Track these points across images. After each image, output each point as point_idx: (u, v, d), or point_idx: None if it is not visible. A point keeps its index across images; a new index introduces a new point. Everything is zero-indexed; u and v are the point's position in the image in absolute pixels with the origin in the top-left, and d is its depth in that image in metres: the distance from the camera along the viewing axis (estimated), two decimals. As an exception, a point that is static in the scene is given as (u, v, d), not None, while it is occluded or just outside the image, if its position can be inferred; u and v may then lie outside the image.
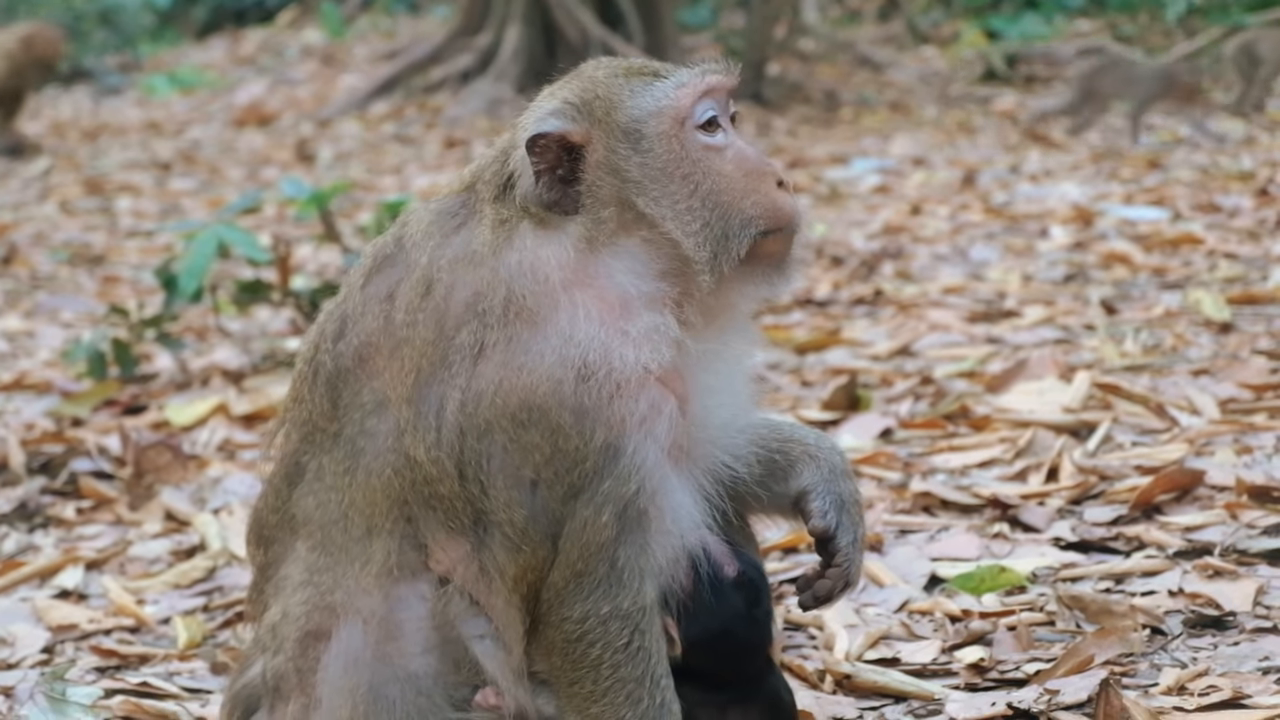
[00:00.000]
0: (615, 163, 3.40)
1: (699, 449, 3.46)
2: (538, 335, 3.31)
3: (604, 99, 3.44)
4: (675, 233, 3.38)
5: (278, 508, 3.58)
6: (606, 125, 3.42)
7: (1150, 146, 15.15)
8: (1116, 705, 3.98)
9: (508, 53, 20.70)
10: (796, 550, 5.41)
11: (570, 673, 3.35)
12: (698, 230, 3.39)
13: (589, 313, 3.33)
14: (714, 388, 3.48)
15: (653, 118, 3.42)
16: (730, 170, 3.43)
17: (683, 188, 3.40)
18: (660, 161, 3.41)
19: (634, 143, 3.41)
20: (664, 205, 3.39)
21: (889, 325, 8.71)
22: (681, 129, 3.42)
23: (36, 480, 6.82)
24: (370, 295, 3.48)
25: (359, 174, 16.38)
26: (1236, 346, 7.54)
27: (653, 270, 3.40)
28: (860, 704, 4.33)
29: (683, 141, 3.42)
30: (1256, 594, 4.65)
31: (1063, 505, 5.59)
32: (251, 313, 9.69)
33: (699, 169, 3.41)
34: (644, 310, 3.37)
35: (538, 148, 3.40)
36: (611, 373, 3.29)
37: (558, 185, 3.40)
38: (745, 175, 3.43)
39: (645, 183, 3.40)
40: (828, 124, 18.52)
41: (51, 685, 4.69)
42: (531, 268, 3.35)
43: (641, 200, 3.39)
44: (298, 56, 27.26)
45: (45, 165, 18.51)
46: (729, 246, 3.39)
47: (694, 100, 3.43)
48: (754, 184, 3.43)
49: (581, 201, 3.40)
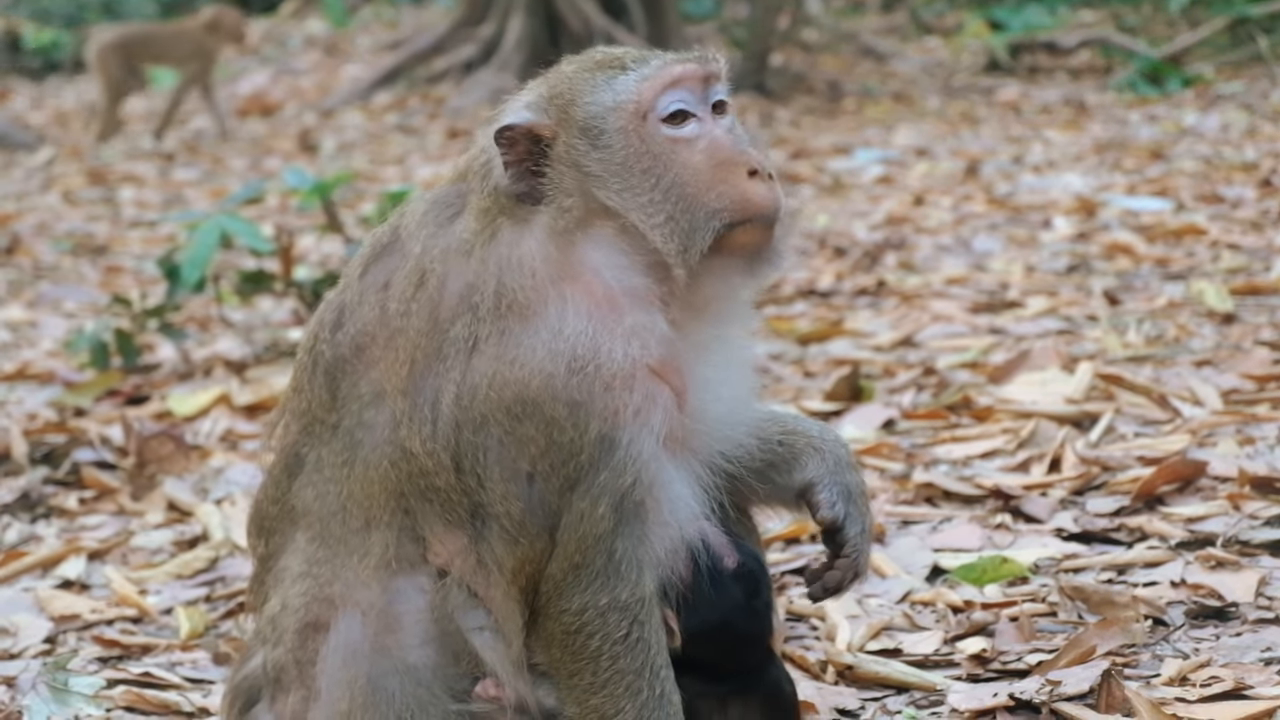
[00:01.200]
0: (575, 157, 3.39)
1: (697, 440, 3.45)
2: (528, 329, 3.31)
3: (566, 94, 3.43)
4: (641, 225, 3.36)
5: (278, 499, 3.58)
6: (567, 121, 3.40)
7: (1153, 136, 15.14)
8: (1119, 696, 3.98)
9: (511, 43, 20.70)
10: (799, 541, 5.42)
11: (570, 664, 3.34)
12: (662, 223, 3.36)
13: (578, 307, 3.33)
14: (712, 379, 3.48)
15: (610, 113, 3.39)
16: (697, 162, 3.38)
17: (644, 181, 3.37)
18: (620, 156, 3.38)
19: (592, 138, 3.38)
20: (627, 198, 3.37)
21: (891, 316, 8.70)
22: (643, 123, 3.38)
23: (39, 470, 6.83)
24: (368, 285, 3.49)
25: (362, 164, 16.38)
26: (1239, 337, 7.53)
27: (637, 264, 3.38)
28: (862, 694, 4.33)
29: (643, 135, 3.38)
30: (1259, 585, 4.65)
31: (1065, 496, 5.59)
32: (254, 303, 9.69)
33: (660, 162, 3.37)
34: (632, 306, 3.36)
35: (504, 139, 3.41)
36: (602, 366, 3.29)
37: (527, 177, 3.40)
38: (714, 167, 3.38)
39: (606, 177, 3.38)
40: (831, 115, 18.51)
41: (54, 675, 4.70)
42: (519, 262, 3.35)
43: (603, 194, 3.37)
44: (301, 47, 27.27)
45: (48, 155, 18.52)
46: (694, 239, 3.35)
47: (656, 93, 3.39)
48: (722, 175, 3.37)
49: (546, 193, 3.39)
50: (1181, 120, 16.01)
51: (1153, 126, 15.84)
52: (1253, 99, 16.83)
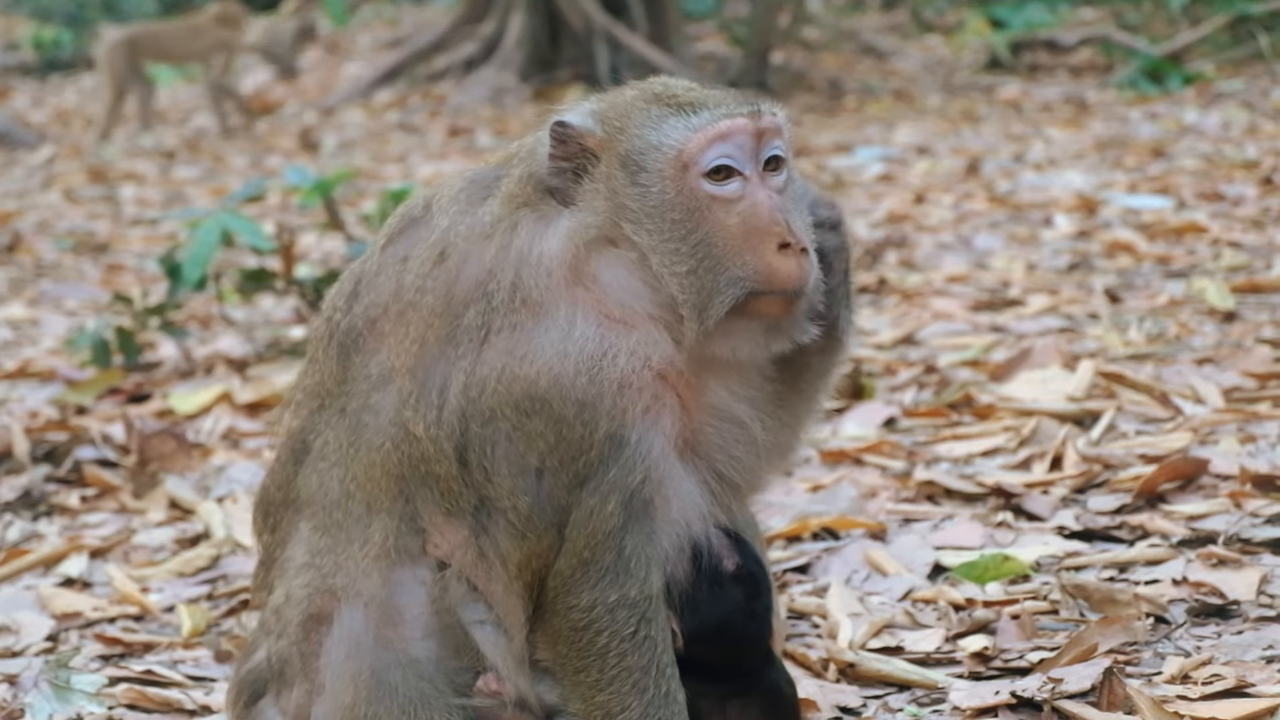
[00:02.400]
0: (612, 185, 3.33)
1: (704, 444, 3.43)
2: (540, 327, 3.30)
3: (619, 120, 3.36)
4: (660, 268, 3.31)
5: (283, 484, 3.59)
6: (612, 146, 3.34)
7: (1154, 134, 15.14)
8: (1120, 694, 3.98)
9: (511, 41, 20.70)
10: (800, 539, 5.42)
11: (576, 661, 3.34)
12: (684, 274, 3.29)
13: (588, 316, 3.31)
14: (721, 385, 3.44)
15: (653, 153, 3.31)
16: (731, 225, 3.29)
17: (674, 230, 3.30)
18: (654, 199, 3.31)
19: (632, 173, 3.32)
20: (654, 240, 3.31)
21: (893, 314, 8.70)
22: (685, 174, 3.30)
23: (41, 468, 6.83)
24: (388, 257, 3.49)
25: (363, 162, 16.38)
26: (1240, 335, 7.53)
27: (650, 296, 3.34)
28: (864, 692, 4.33)
29: (682, 186, 3.30)
30: (1260, 583, 4.65)
31: (1066, 494, 5.59)
32: (255, 301, 9.69)
33: (694, 217, 3.30)
34: (642, 325, 3.33)
35: (557, 133, 3.37)
36: (611, 368, 3.28)
37: (565, 175, 3.36)
38: (746, 234, 3.29)
39: (638, 214, 3.31)
40: (832, 112, 18.51)
41: (56, 673, 4.70)
42: (538, 259, 3.33)
43: (629, 227, 3.32)
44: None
45: (49, 153, 18.52)
46: (713, 301, 3.28)
47: (702, 147, 3.30)
48: (753, 244, 3.28)
49: (578, 199, 3.36)
50: (1182, 118, 16.00)
51: (1153, 124, 15.84)
52: (1253, 97, 16.83)
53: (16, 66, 26.78)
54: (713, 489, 3.44)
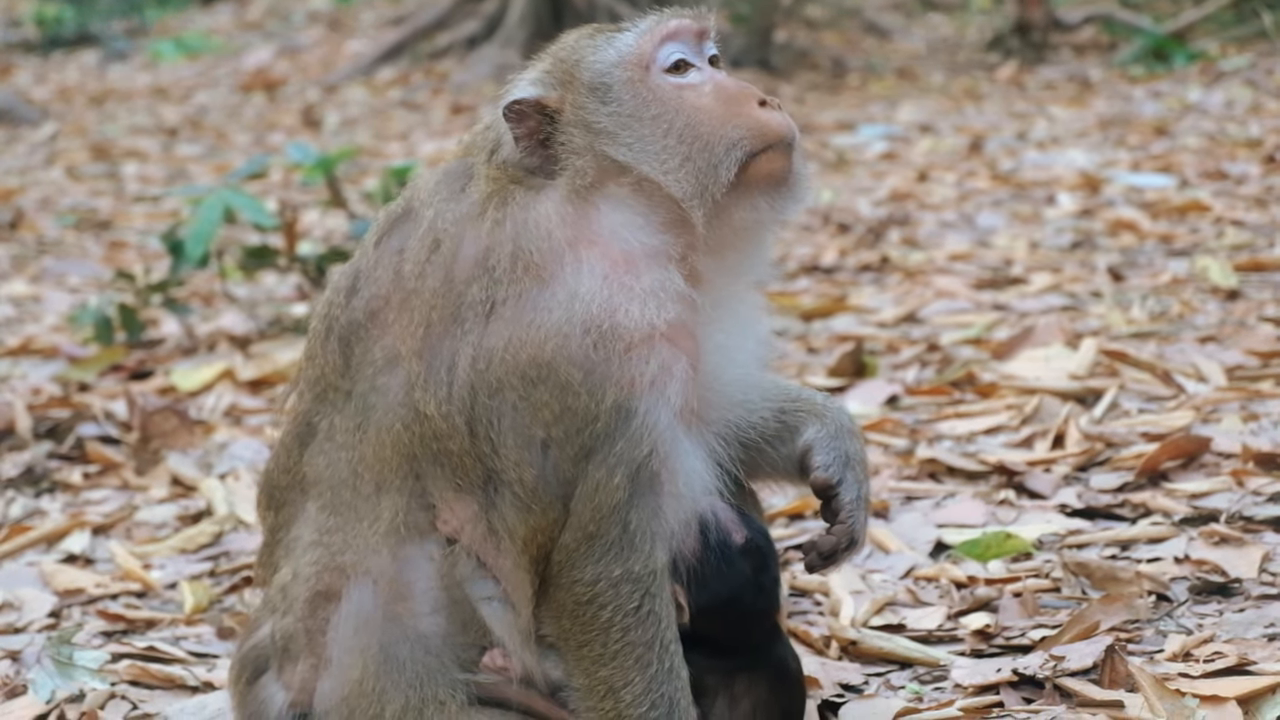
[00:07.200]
0: (585, 118, 3.45)
1: (710, 409, 3.46)
2: (545, 292, 3.33)
3: (570, 59, 3.52)
4: (655, 174, 3.41)
5: (289, 468, 3.59)
6: (574, 85, 3.48)
7: (1157, 113, 15.11)
8: (1122, 671, 3.99)
9: (514, 18, 20.65)
10: (803, 517, 5.42)
11: (579, 635, 3.35)
12: (678, 166, 3.41)
13: (594, 270, 3.34)
14: (725, 346, 3.49)
15: (615, 68, 3.48)
16: (706, 103, 3.46)
17: (655, 128, 3.44)
18: (629, 108, 3.45)
19: (601, 96, 3.46)
20: (638, 150, 3.43)
21: (895, 292, 8.70)
22: (647, 74, 3.47)
23: (43, 445, 6.83)
24: (383, 251, 3.52)
25: (365, 140, 16.36)
26: (1243, 313, 7.53)
27: (653, 222, 3.42)
28: (866, 670, 4.34)
29: (649, 85, 3.46)
30: (1262, 560, 4.66)
31: (1069, 472, 5.59)
32: (258, 278, 9.70)
33: (670, 108, 3.45)
34: (649, 266, 3.39)
35: (514, 114, 3.47)
36: (619, 330, 3.31)
37: (538, 149, 3.45)
38: (724, 103, 3.46)
39: (618, 131, 3.44)
40: (835, 91, 18.47)
41: (58, 649, 4.71)
42: (535, 224, 3.37)
43: (614, 149, 3.43)
44: (304, 22, 27.19)
45: (52, 130, 18.50)
46: (717, 173, 3.41)
47: (656, 45, 3.49)
48: (735, 109, 3.45)
49: (559, 162, 3.44)
50: (1186, 96, 15.97)
51: (1157, 103, 15.80)
52: (1257, 75, 16.78)
53: (19, 43, 26.70)
54: (719, 458, 3.46)
